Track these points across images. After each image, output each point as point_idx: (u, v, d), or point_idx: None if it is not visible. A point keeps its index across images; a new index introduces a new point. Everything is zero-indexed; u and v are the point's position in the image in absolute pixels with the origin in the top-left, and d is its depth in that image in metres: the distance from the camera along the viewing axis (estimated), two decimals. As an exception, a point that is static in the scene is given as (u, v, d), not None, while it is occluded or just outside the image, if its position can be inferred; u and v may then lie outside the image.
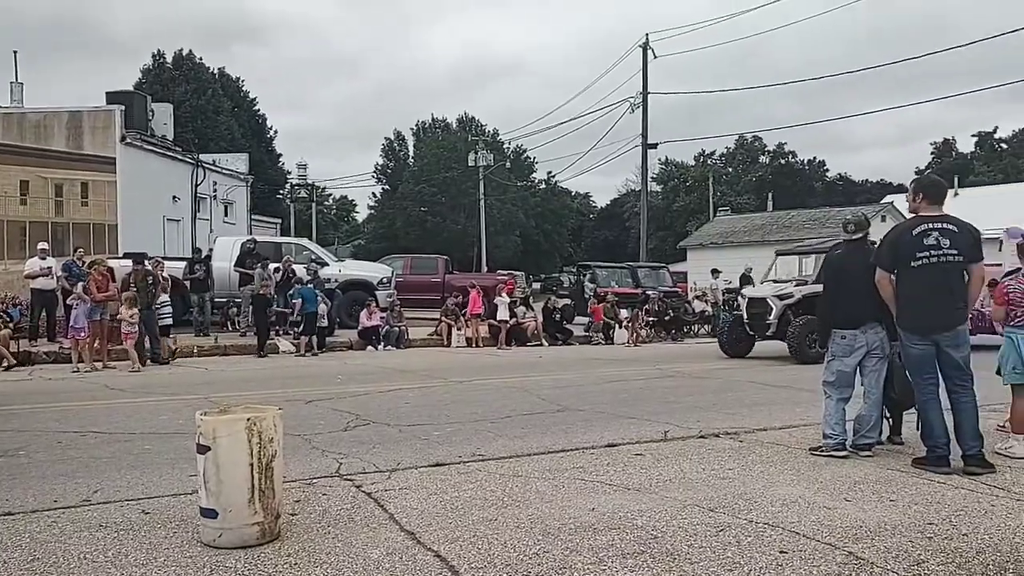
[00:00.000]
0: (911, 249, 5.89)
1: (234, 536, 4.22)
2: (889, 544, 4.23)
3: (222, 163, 34.33)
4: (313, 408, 9.13)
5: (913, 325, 5.96)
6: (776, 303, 15.17)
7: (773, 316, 15.10)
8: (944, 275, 5.84)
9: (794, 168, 78.07)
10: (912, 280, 5.91)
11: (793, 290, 15.30)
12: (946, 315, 5.86)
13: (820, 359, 13.75)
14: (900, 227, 6.19)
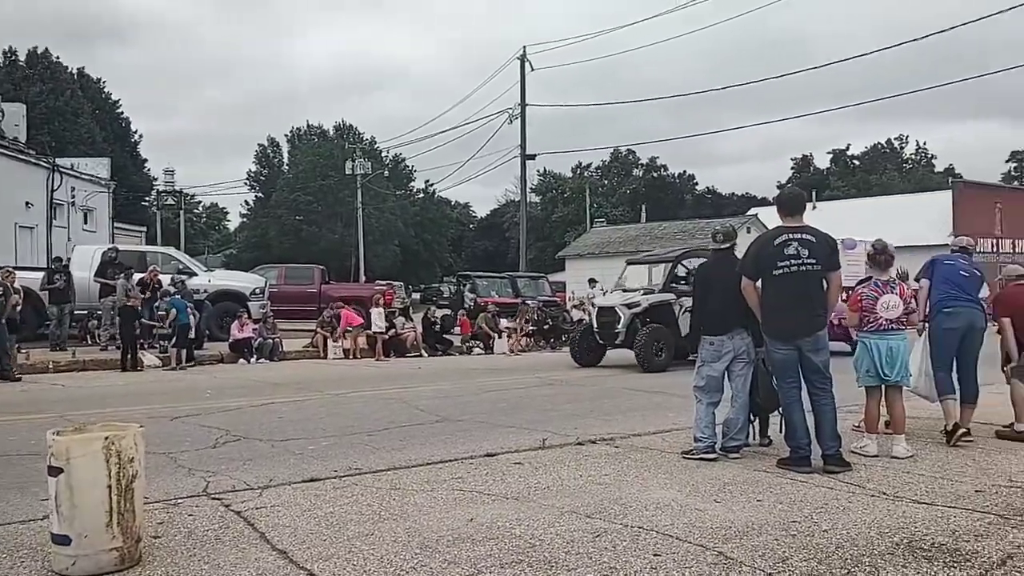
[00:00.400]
0: (773, 259, 6.16)
1: (89, 563, 3.95)
2: (756, 543, 4.38)
3: (81, 168, 32.50)
4: (179, 425, 8.72)
5: (776, 331, 6.24)
6: (624, 312, 15.05)
7: (621, 325, 14.95)
8: (804, 283, 6.13)
9: (666, 181, 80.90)
10: (774, 288, 6.19)
11: (641, 299, 15.18)
12: (806, 321, 6.16)
13: (667, 368, 13.42)
14: (762, 238, 6.48)
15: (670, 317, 14.79)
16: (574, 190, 74.09)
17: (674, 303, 14.89)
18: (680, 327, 14.66)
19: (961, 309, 7.17)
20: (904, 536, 4.49)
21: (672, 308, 14.86)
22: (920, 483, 5.73)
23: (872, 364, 6.65)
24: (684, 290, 14.97)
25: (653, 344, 14.35)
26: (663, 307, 14.87)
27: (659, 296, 14.99)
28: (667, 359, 14.41)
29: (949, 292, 7.21)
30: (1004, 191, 51.57)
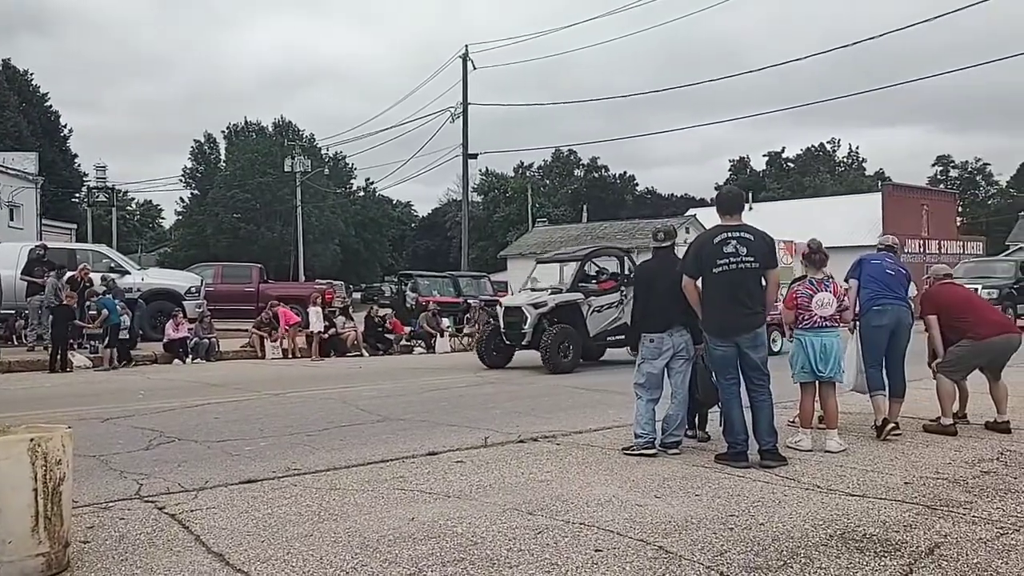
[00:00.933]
0: (712, 257, 6.26)
1: (14, 569, 3.80)
2: (695, 537, 4.44)
3: (7, 162, 31.38)
4: (111, 426, 8.47)
5: (715, 328, 6.34)
6: (531, 312, 14.45)
7: (528, 325, 14.34)
8: (742, 281, 6.24)
9: (607, 181, 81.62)
10: (714, 286, 6.28)
11: (548, 298, 14.62)
12: (745, 318, 6.27)
13: (572, 369, 13.34)
14: (703, 236, 6.57)
15: (577, 317, 14.38)
16: (516, 189, 74.29)
17: (582, 303, 14.53)
18: (588, 327, 14.41)
19: (888, 307, 7.37)
20: (837, 528, 4.60)
21: (580, 308, 14.48)
22: (852, 476, 5.88)
23: (807, 361, 6.80)
24: (593, 289, 14.89)
25: (559, 345, 13.87)
26: (570, 307, 14.45)
27: (566, 296, 14.57)
28: (574, 360, 14.05)
29: (877, 291, 7.41)
30: (931, 194, 53.38)
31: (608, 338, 14.73)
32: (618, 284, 15.01)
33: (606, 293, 14.86)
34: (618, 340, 14.63)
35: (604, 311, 14.63)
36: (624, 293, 14.59)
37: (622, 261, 15.82)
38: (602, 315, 14.59)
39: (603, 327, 14.59)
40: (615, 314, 14.59)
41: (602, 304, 14.65)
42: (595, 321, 14.49)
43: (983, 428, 7.66)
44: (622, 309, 14.43)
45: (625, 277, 15.13)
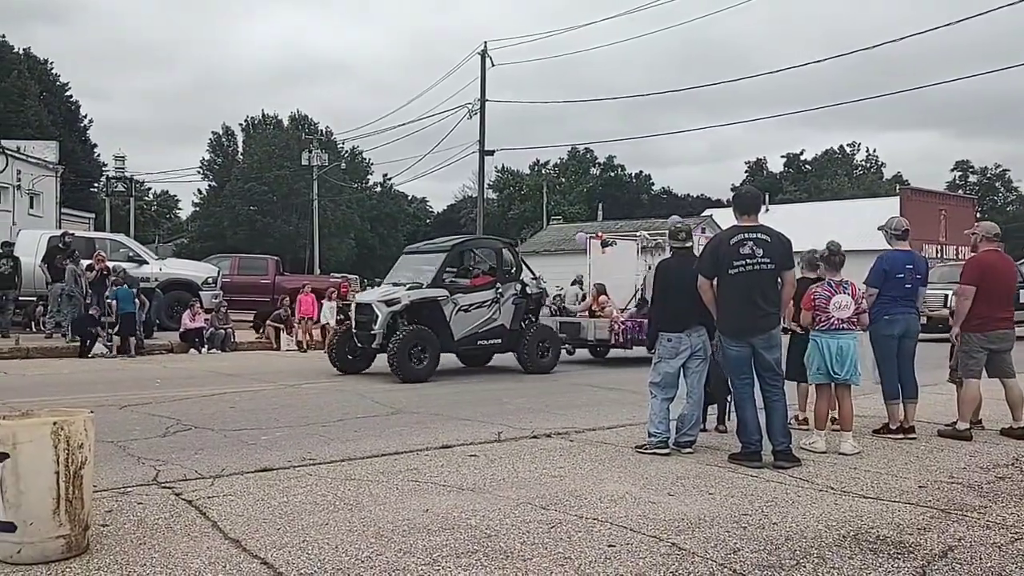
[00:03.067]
0: (729, 258, 6.26)
1: (35, 551, 3.87)
2: (708, 535, 4.45)
3: (28, 151, 31.64)
4: (128, 414, 8.56)
5: (731, 329, 6.34)
6: (382, 309, 12.35)
7: (379, 325, 12.22)
8: (758, 282, 6.24)
9: (622, 180, 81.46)
10: (730, 287, 6.28)
11: (402, 294, 12.48)
12: (760, 320, 6.27)
13: (427, 377, 11.84)
14: (719, 236, 6.57)
15: (438, 317, 12.46)
16: (531, 187, 74.27)
17: (445, 301, 12.56)
18: (452, 329, 12.58)
19: (899, 317, 7.38)
20: (851, 529, 4.60)
21: (441, 306, 12.52)
22: (866, 478, 5.87)
23: (823, 362, 6.79)
24: (461, 286, 13.06)
25: (410, 349, 11.87)
26: (429, 305, 12.47)
27: (425, 292, 12.48)
28: (429, 367, 12.03)
29: (891, 299, 7.38)
30: (949, 199, 53.01)
31: (480, 342, 13.05)
32: (495, 281, 13.25)
33: (478, 290, 13.05)
34: (494, 345, 13.21)
35: (473, 311, 12.80)
36: (501, 291, 13.10)
37: (500, 254, 13.78)
38: (470, 315, 12.78)
39: (472, 329, 12.84)
40: (488, 314, 12.95)
41: (471, 303, 12.82)
42: (462, 322, 12.70)
43: (998, 434, 7.63)
44: (498, 309, 13.04)
45: (506, 273, 13.52)
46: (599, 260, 17.26)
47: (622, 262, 16.54)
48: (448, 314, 12.55)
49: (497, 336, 13.12)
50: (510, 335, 13.22)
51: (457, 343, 12.80)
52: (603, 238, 17.47)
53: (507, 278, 13.42)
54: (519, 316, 13.39)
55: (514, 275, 13.65)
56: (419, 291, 12.48)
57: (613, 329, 14.62)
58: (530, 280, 13.95)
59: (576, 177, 79.41)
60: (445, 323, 12.51)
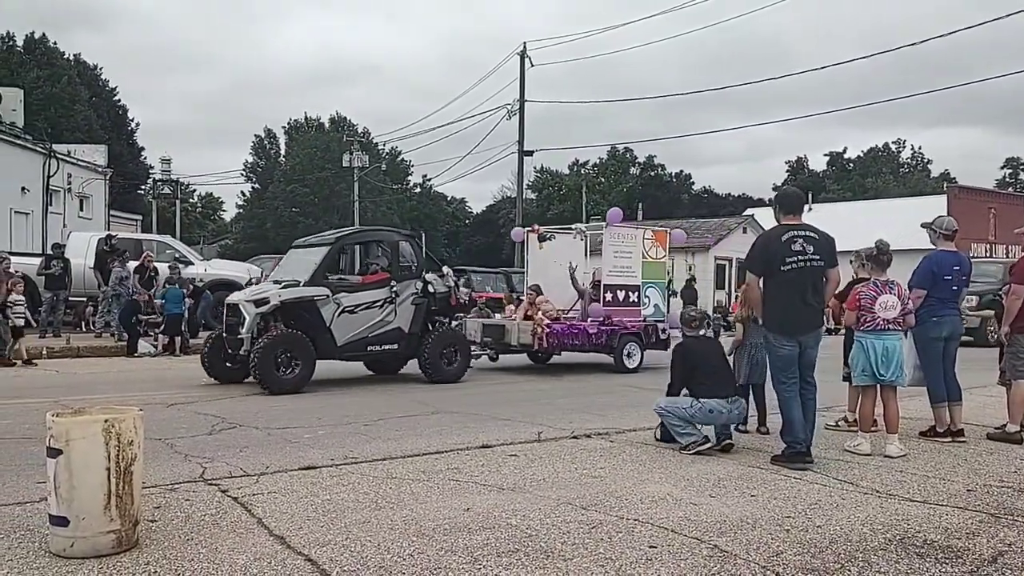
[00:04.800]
0: (781, 254, 6.22)
1: (87, 545, 3.97)
2: (750, 537, 4.41)
3: (78, 154, 32.37)
4: (175, 412, 8.72)
5: (782, 327, 6.26)
6: (249, 310, 10.82)
7: (246, 328, 10.72)
8: (810, 278, 6.24)
9: (662, 180, 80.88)
10: (782, 284, 6.23)
11: (272, 293, 10.97)
12: (811, 317, 6.28)
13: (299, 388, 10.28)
14: (769, 234, 6.51)
15: (316, 319, 10.94)
16: (571, 187, 74.10)
17: (325, 301, 11.02)
18: (334, 332, 11.04)
19: (947, 319, 7.29)
20: (897, 533, 4.53)
21: (319, 307, 10.98)
22: (912, 482, 5.77)
23: (868, 363, 6.69)
24: (346, 284, 11.57)
25: (276, 355, 10.35)
26: (305, 306, 10.96)
27: (300, 291, 10.95)
28: (301, 376, 10.51)
29: (938, 300, 7.25)
30: (998, 197, 51.71)
31: (371, 347, 11.52)
32: (389, 278, 11.72)
33: (367, 289, 11.54)
34: (389, 350, 11.76)
35: (361, 312, 11.30)
36: (397, 290, 11.62)
37: (396, 248, 12.06)
38: (357, 317, 11.27)
39: (359, 333, 11.29)
40: (380, 316, 11.45)
41: (358, 303, 11.31)
42: (346, 325, 11.15)
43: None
44: (393, 310, 11.55)
45: (404, 269, 11.94)
46: (537, 257, 15.34)
47: (566, 259, 14.71)
48: (329, 316, 11.02)
49: (392, 340, 11.62)
50: (409, 339, 11.76)
51: (341, 348, 11.19)
52: (540, 232, 15.52)
53: (405, 275, 11.82)
54: (420, 318, 11.89)
55: (414, 272, 12.04)
56: (293, 290, 10.97)
57: (536, 333, 13.06)
58: (434, 277, 12.36)
59: (616, 177, 79.03)
60: (325, 326, 10.98)
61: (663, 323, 14.45)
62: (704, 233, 35.45)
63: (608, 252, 13.90)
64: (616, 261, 14.01)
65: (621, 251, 14.09)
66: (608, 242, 13.93)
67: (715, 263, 33.63)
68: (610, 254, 13.92)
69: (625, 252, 14.12)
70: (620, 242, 14.16)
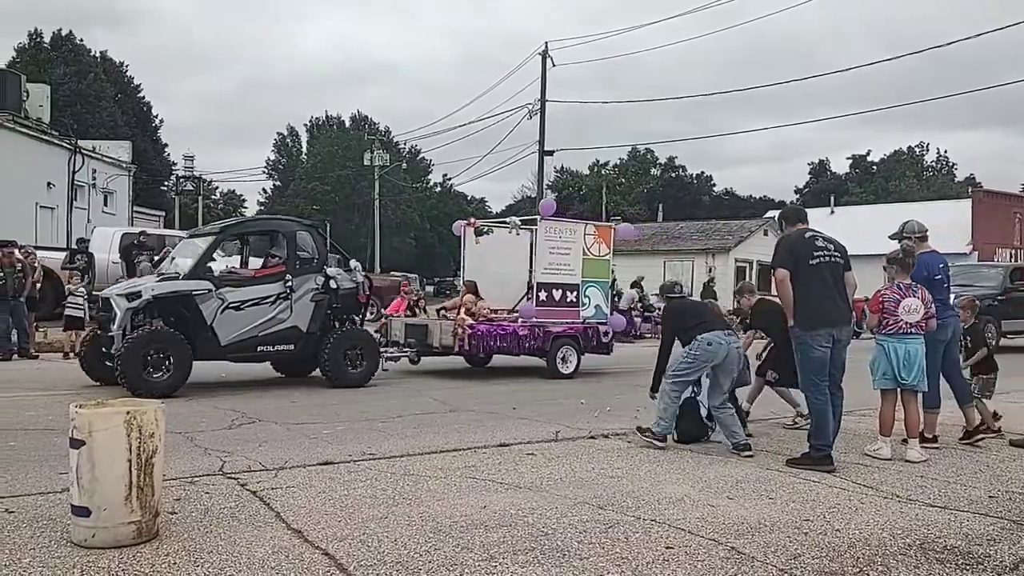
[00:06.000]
0: (807, 249, 6.26)
1: (108, 535, 4.01)
2: (769, 539, 4.39)
3: (103, 150, 32.74)
4: (194, 406, 8.79)
5: (817, 320, 6.20)
6: (120, 305, 9.80)
7: (117, 324, 9.69)
8: (835, 273, 6.30)
9: (683, 181, 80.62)
10: (812, 277, 6.23)
11: (146, 287, 10.00)
12: (844, 308, 6.31)
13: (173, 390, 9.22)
14: (791, 234, 6.51)
15: (195, 315, 9.90)
16: (591, 188, 73.98)
17: (206, 296, 9.94)
18: (217, 330, 9.96)
19: (949, 320, 7.30)
20: (917, 538, 4.49)
21: (198, 303, 9.90)
22: (933, 487, 5.72)
23: (889, 367, 6.63)
24: (232, 278, 10.48)
25: (144, 355, 9.33)
26: (183, 301, 9.91)
27: (176, 285, 9.96)
28: (174, 377, 9.47)
29: (939, 302, 7.20)
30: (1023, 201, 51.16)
31: (262, 347, 10.43)
32: (283, 272, 10.58)
33: (257, 283, 10.44)
34: (285, 351, 10.66)
35: (248, 308, 10.22)
36: (292, 284, 10.52)
37: (293, 240, 10.88)
38: (244, 314, 10.20)
39: (247, 331, 10.21)
40: (272, 313, 10.38)
41: (245, 299, 10.21)
42: (231, 322, 10.09)
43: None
44: (288, 307, 10.48)
45: (303, 262, 10.83)
46: (474, 252, 14.29)
47: (506, 254, 13.85)
48: (211, 312, 9.96)
49: (288, 340, 10.56)
50: (307, 339, 10.71)
51: (225, 348, 10.14)
52: (477, 226, 14.47)
53: (303, 269, 10.72)
54: (320, 316, 10.84)
55: (315, 265, 10.92)
56: (168, 284, 10.01)
57: (457, 335, 12.14)
58: (339, 272, 11.31)
59: (636, 177, 78.89)
60: (205, 323, 9.93)
61: (605, 326, 13.42)
62: (725, 235, 35.27)
63: (542, 248, 12.65)
64: (552, 258, 12.70)
65: (558, 247, 12.78)
66: (542, 237, 12.68)
67: (735, 265, 33.44)
68: (544, 250, 12.64)
69: (563, 248, 12.82)
70: (556, 237, 12.83)
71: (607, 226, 14.09)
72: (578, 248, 13.02)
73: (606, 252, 13.48)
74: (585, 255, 13.09)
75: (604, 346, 13.43)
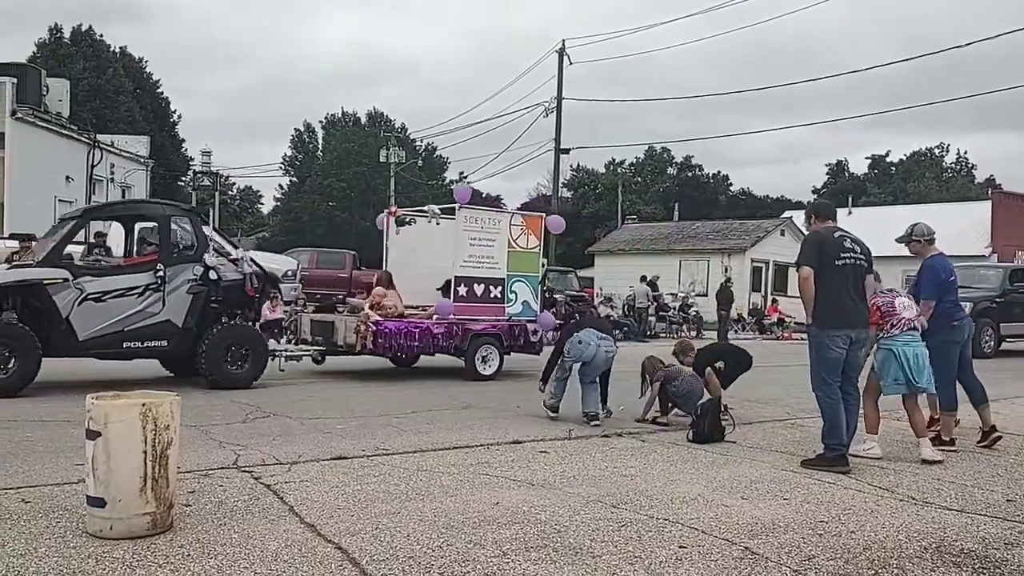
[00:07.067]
0: (835, 250, 6.24)
1: (123, 526, 4.03)
2: (783, 540, 4.36)
3: (121, 145, 32.94)
4: (210, 399, 8.83)
5: (837, 320, 6.15)
6: None
7: None
8: (859, 276, 6.28)
9: (699, 180, 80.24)
10: (836, 278, 6.19)
11: None
12: (863, 310, 6.30)
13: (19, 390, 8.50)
14: (819, 232, 6.48)
15: (48, 307, 9.04)
16: (606, 186, 73.80)
17: (61, 286, 9.07)
18: (73, 323, 9.11)
19: (964, 322, 7.30)
20: (933, 541, 4.45)
21: (50, 293, 9.03)
22: (950, 490, 5.66)
23: (900, 372, 6.51)
24: (95, 267, 9.89)
25: None
26: (32, 290, 9.03)
27: (22, 273, 9.23)
28: (18, 375, 8.65)
29: (953, 303, 7.17)
30: (1046, 203, 50.59)
31: (129, 343, 9.49)
32: (155, 261, 9.74)
33: (123, 272, 9.66)
34: (156, 348, 9.78)
35: (111, 300, 9.33)
36: (165, 275, 9.60)
37: (166, 226, 9.98)
38: (106, 306, 9.30)
39: (110, 325, 9.32)
40: (140, 306, 9.45)
41: (108, 289, 9.35)
42: (91, 315, 9.20)
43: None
44: (160, 299, 9.57)
45: (179, 251, 10.00)
46: (395, 243, 13.30)
47: (428, 246, 12.79)
48: (67, 304, 9.08)
49: (160, 336, 9.64)
50: (183, 335, 9.75)
51: (84, 344, 9.27)
52: (397, 215, 13.58)
53: (178, 258, 9.84)
54: (196, 310, 9.86)
55: (192, 255, 9.95)
56: (15, 272, 9.29)
57: (360, 332, 11.13)
58: (221, 262, 10.25)
59: (652, 176, 78.64)
60: (60, 316, 9.07)
61: (534, 323, 12.43)
62: (741, 235, 35.06)
63: (461, 239, 11.68)
64: (472, 250, 11.75)
65: (480, 238, 11.85)
66: (461, 227, 11.72)
67: (751, 265, 33.25)
68: (463, 241, 11.68)
69: (485, 240, 11.89)
70: (478, 227, 11.89)
71: (536, 216, 13.20)
72: (503, 240, 12.08)
73: (535, 244, 12.51)
74: (511, 247, 12.16)
75: (532, 345, 12.40)
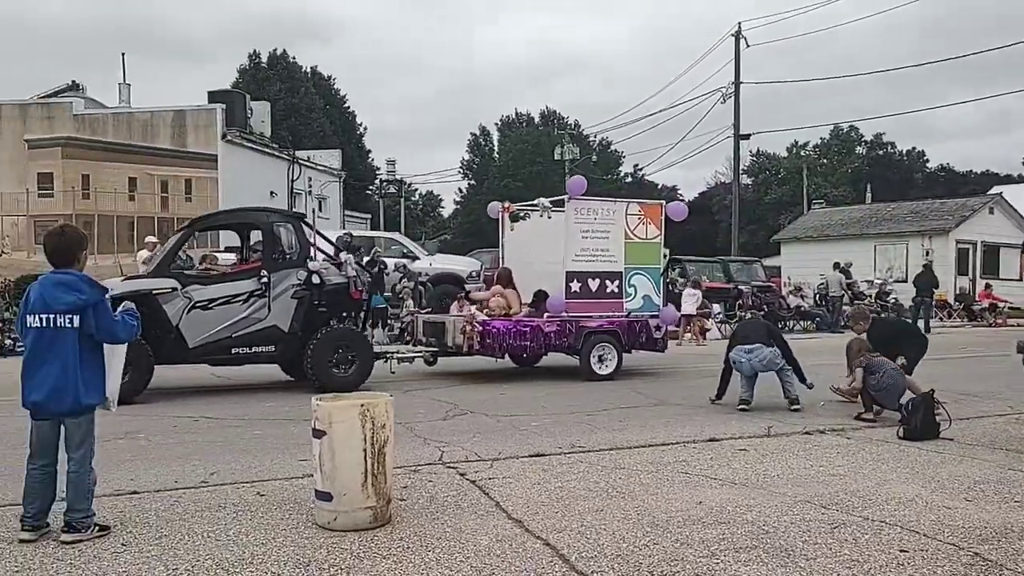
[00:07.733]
0: None
1: (348, 519, 4.33)
2: (1018, 547, 4.04)
3: (316, 159, 35.20)
4: (411, 398, 9.28)
5: None
6: None
7: None
8: None
9: (892, 159, 75.28)
10: None
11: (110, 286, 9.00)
12: None
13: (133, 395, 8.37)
14: None
15: (158, 316, 9.12)
16: (789, 170, 70.75)
17: (170, 295, 9.30)
18: (184, 332, 9.29)
19: None
20: None
21: (160, 303, 9.22)
22: None
23: None
24: (195, 276, 9.89)
25: None
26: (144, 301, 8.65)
27: (133, 284, 9.36)
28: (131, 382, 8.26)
29: None
30: None
31: (237, 349, 9.63)
32: (258, 268, 9.86)
33: (227, 281, 9.80)
34: (265, 353, 9.80)
35: (217, 308, 9.50)
36: (269, 281, 9.69)
37: (270, 234, 10.09)
38: (212, 314, 9.48)
39: (218, 332, 9.47)
40: (245, 312, 9.58)
41: (213, 297, 9.51)
42: (199, 323, 9.39)
43: None
44: (265, 305, 9.66)
45: (282, 256, 10.02)
46: (511, 239, 12.86)
47: (544, 241, 11.96)
48: (176, 313, 9.31)
49: (267, 341, 9.73)
50: (289, 340, 9.81)
51: (194, 351, 9.46)
52: (511, 211, 13.03)
53: (280, 264, 9.89)
54: (301, 314, 9.88)
55: (295, 260, 10.00)
56: (128, 283, 9.46)
57: (466, 332, 10.78)
58: (326, 266, 10.24)
59: (839, 157, 74.60)
60: (169, 324, 9.27)
61: (656, 319, 11.75)
62: (944, 215, 32.48)
63: (573, 232, 11.16)
64: (585, 243, 11.24)
65: (594, 230, 11.31)
66: (571, 219, 11.18)
67: (956, 247, 30.77)
68: (575, 235, 11.17)
69: (599, 232, 11.33)
70: (592, 219, 11.33)
71: (656, 204, 12.32)
72: (619, 231, 11.49)
73: (656, 234, 11.80)
74: (628, 239, 11.54)
75: (655, 342, 11.78)
